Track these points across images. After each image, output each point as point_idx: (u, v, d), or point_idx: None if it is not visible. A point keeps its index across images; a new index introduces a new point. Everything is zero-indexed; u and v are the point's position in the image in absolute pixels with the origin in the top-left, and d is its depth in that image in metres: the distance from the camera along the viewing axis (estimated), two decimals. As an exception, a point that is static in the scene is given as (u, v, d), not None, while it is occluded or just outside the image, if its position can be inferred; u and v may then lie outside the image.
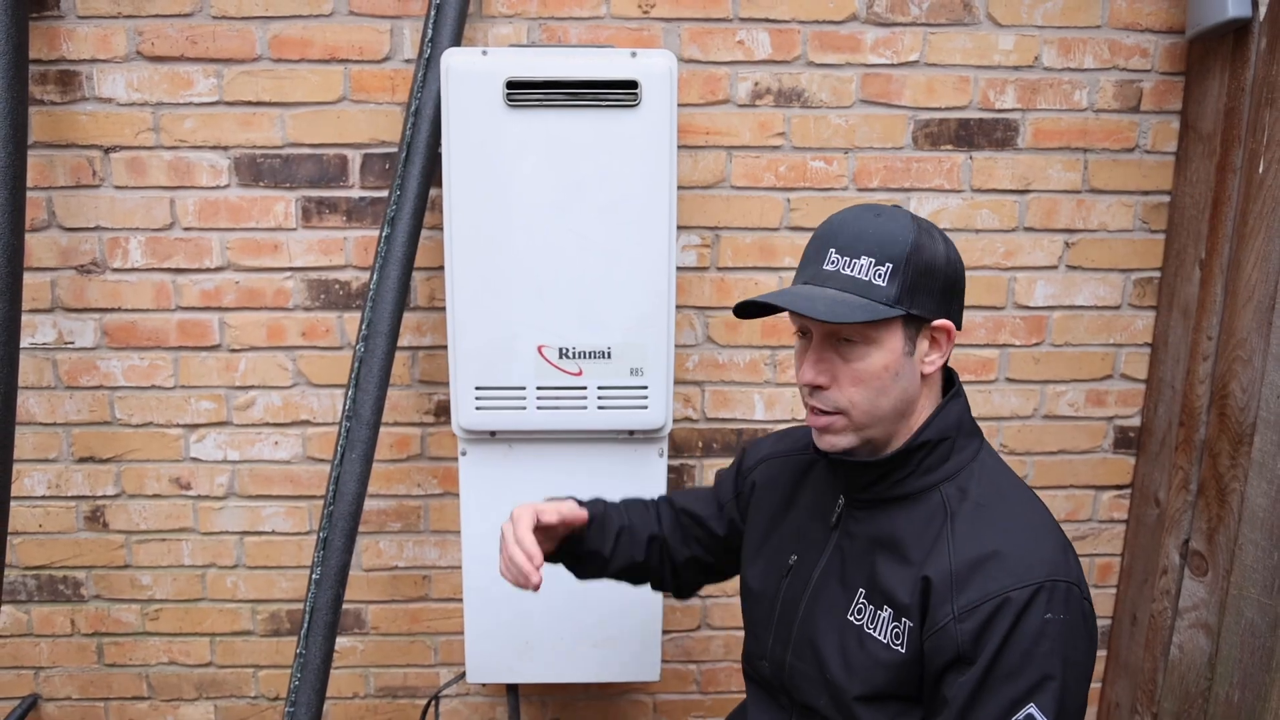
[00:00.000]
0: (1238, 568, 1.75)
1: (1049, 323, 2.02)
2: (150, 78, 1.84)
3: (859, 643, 1.18)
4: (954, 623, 1.08)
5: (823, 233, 1.16)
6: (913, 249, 1.11)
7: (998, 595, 1.07)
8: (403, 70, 1.87)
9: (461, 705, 2.18)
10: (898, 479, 1.18)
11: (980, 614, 1.07)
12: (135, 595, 2.09)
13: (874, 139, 1.92)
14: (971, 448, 1.20)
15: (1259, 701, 1.70)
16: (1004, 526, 1.12)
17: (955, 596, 1.09)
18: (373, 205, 1.92)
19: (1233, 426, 1.77)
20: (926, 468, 1.17)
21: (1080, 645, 1.09)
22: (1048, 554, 1.10)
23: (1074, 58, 1.91)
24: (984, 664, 1.06)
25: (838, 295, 1.10)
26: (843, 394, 1.14)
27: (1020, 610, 1.06)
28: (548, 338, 1.73)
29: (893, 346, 1.13)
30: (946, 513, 1.15)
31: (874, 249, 1.11)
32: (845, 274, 1.11)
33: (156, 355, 1.97)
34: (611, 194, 1.69)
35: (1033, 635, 1.06)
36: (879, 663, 1.15)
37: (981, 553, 1.10)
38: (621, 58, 1.68)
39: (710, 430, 2.03)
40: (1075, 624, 1.08)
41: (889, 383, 1.14)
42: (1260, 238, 1.71)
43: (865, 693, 1.16)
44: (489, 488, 1.83)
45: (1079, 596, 1.10)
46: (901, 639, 1.14)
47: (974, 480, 1.17)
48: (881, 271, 1.10)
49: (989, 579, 1.08)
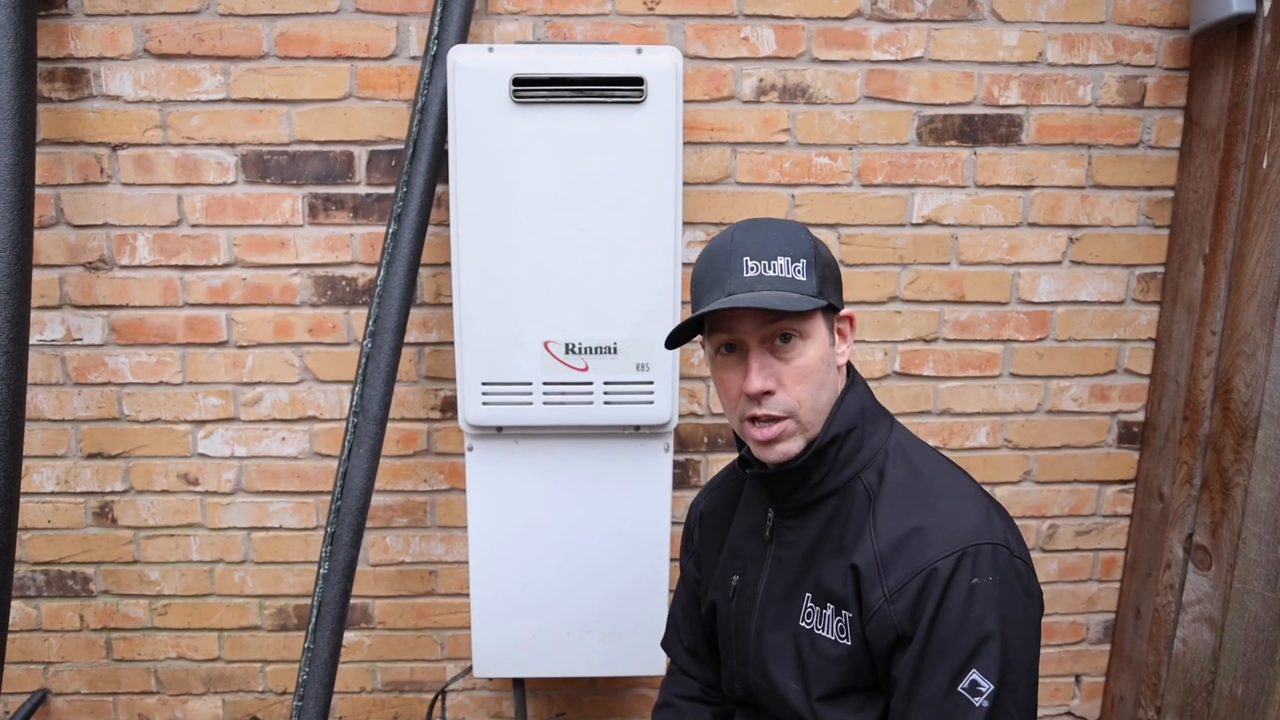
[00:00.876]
0: (1241, 562, 1.76)
1: (1053, 318, 2.02)
2: (157, 75, 1.85)
3: (811, 645, 1.19)
4: (887, 604, 1.10)
5: (720, 249, 1.16)
6: (814, 245, 1.16)
7: (923, 569, 1.08)
8: (409, 67, 1.87)
9: (468, 699, 2.19)
10: (817, 480, 1.19)
11: (910, 591, 1.09)
12: (144, 590, 2.10)
13: (878, 135, 1.92)
14: (881, 431, 1.21)
15: (1263, 695, 1.70)
16: (923, 502, 1.14)
17: (884, 579, 1.11)
18: (379, 202, 1.93)
19: (1236, 421, 1.78)
20: (842, 461, 1.18)
21: (1016, 602, 1.10)
22: (969, 521, 1.11)
23: (1078, 53, 1.91)
24: (921, 638, 1.08)
25: (774, 294, 1.12)
26: (789, 395, 1.15)
27: (947, 579, 1.07)
28: (554, 333, 1.74)
29: (822, 338, 1.15)
30: (869, 499, 1.16)
31: (784, 248, 1.13)
32: (770, 275, 1.13)
33: (164, 352, 1.98)
34: (617, 190, 1.69)
35: (962, 602, 1.07)
36: (829, 660, 1.17)
37: (903, 531, 1.12)
38: (627, 54, 1.68)
39: (715, 425, 2.04)
40: (1007, 582, 1.09)
41: (825, 375, 1.16)
42: (1264, 233, 1.71)
43: (825, 693, 1.18)
44: (495, 483, 1.84)
45: (1007, 556, 1.10)
46: (846, 631, 1.15)
47: (889, 462, 1.18)
48: (799, 267, 1.13)
49: (913, 555, 1.10)
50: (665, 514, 1.86)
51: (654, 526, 1.86)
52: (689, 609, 1.49)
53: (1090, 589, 2.17)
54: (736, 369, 1.16)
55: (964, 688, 1.06)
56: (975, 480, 1.21)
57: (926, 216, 1.96)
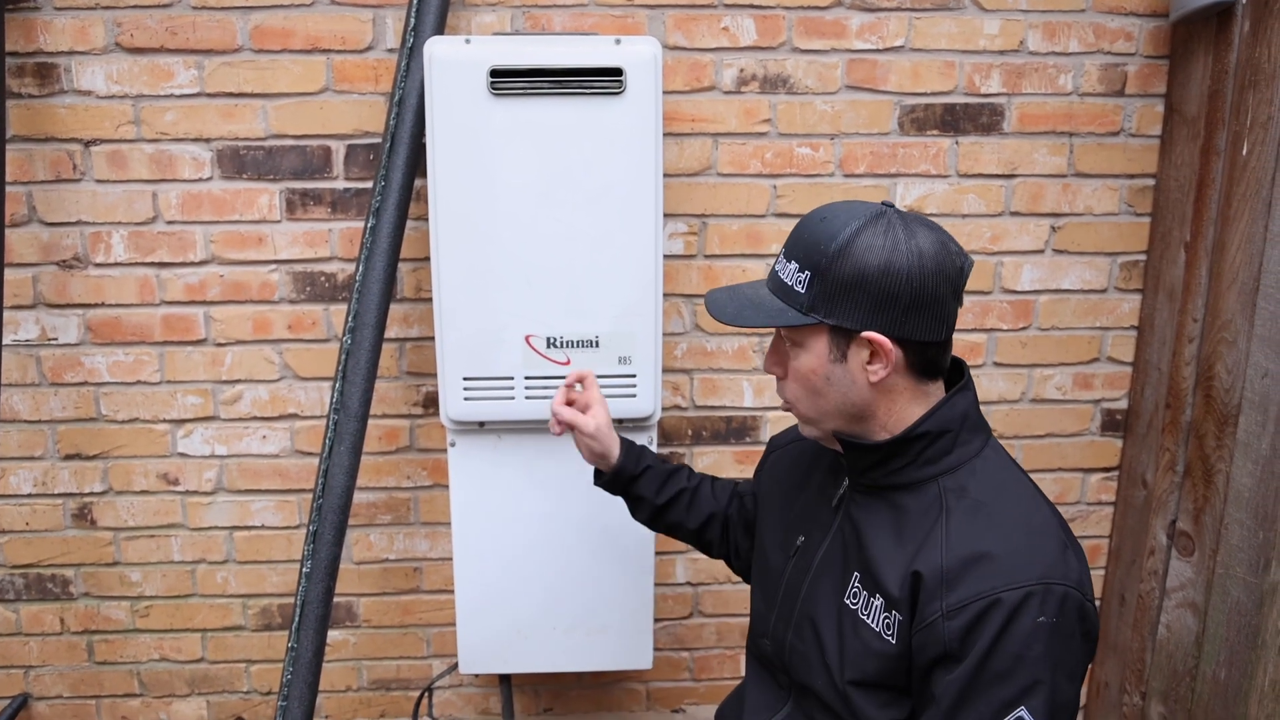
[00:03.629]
0: (1224, 547, 1.77)
1: (1036, 307, 2.02)
2: (130, 70, 1.83)
3: (854, 628, 1.17)
4: (942, 620, 1.07)
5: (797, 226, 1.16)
6: (835, 258, 1.07)
7: (988, 595, 1.05)
8: (386, 60, 1.85)
9: (455, 696, 2.18)
10: (896, 466, 1.16)
11: (969, 613, 1.05)
12: (125, 592, 2.08)
13: (860, 125, 1.92)
14: (975, 443, 1.17)
15: (1245, 679, 1.71)
16: (1000, 527, 1.10)
17: (945, 594, 1.07)
18: (358, 196, 1.91)
19: (1218, 408, 1.78)
20: (926, 459, 1.15)
21: (1073, 647, 1.07)
22: (1043, 556, 1.07)
23: (1059, 42, 1.91)
24: (973, 664, 1.05)
25: (762, 297, 1.14)
26: (788, 388, 1.18)
27: (1011, 613, 1.04)
28: (535, 327, 1.73)
29: (818, 352, 1.12)
30: (943, 507, 1.13)
31: (802, 254, 1.10)
32: (779, 276, 1.13)
33: (142, 350, 1.95)
34: (597, 182, 1.68)
35: (1024, 638, 1.04)
36: (870, 651, 1.15)
37: (975, 551, 1.08)
38: (606, 45, 1.67)
39: (700, 418, 2.04)
40: (1070, 627, 1.06)
41: (821, 385, 1.14)
42: (1244, 220, 1.71)
43: (856, 678, 1.16)
44: (478, 479, 1.82)
45: (1077, 601, 1.07)
46: (892, 630, 1.13)
47: (974, 477, 1.14)
48: (802, 279, 1.10)
49: (980, 579, 1.06)
50: (650, 508, 1.86)
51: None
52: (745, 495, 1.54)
53: (1075, 576, 2.17)
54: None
55: None
56: (1058, 512, 1.18)
57: (909, 206, 1.95)
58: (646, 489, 1.49)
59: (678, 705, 2.21)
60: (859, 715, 1.17)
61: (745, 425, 2.04)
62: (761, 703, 1.33)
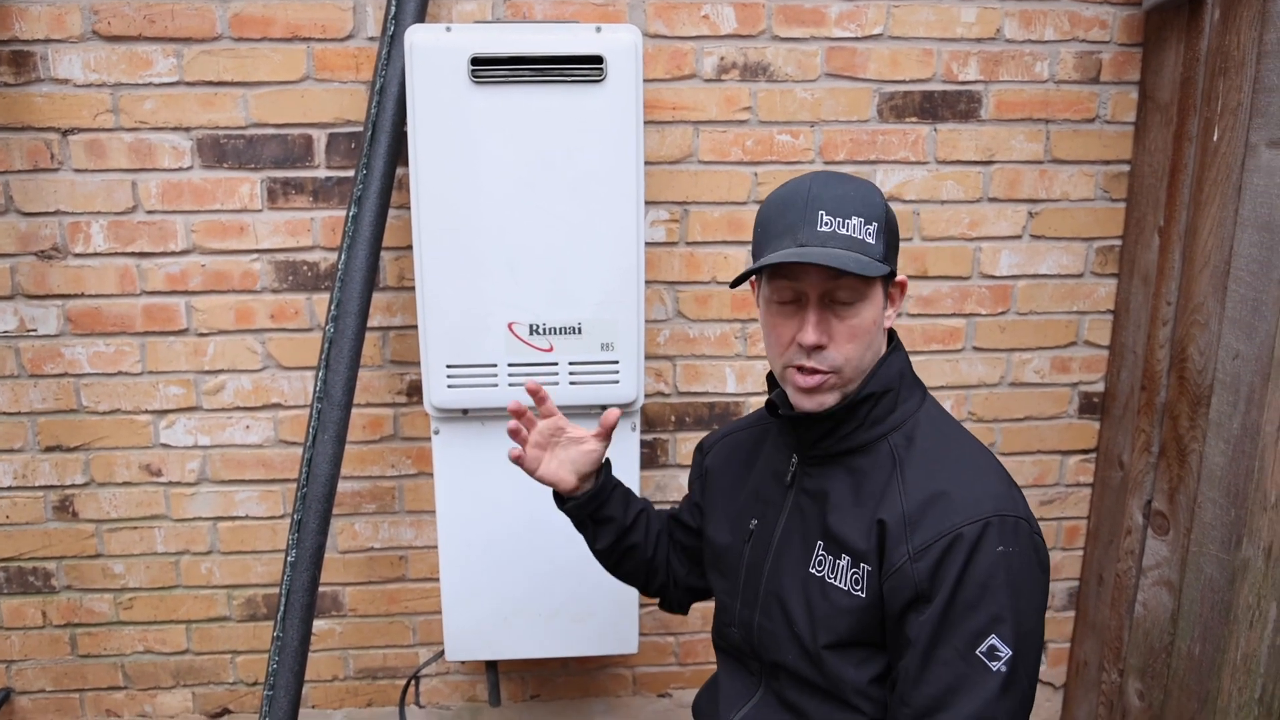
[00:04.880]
0: (1197, 525, 1.80)
1: (1014, 292, 2.05)
2: (108, 58, 1.81)
3: (822, 593, 1.21)
4: (910, 563, 1.12)
5: (799, 198, 1.16)
6: (886, 209, 1.17)
7: (950, 532, 1.11)
8: (367, 48, 1.85)
9: (441, 684, 2.19)
10: (846, 432, 1.22)
11: (934, 551, 1.11)
12: (108, 585, 2.07)
13: (839, 112, 1.93)
14: (915, 398, 1.25)
15: (1218, 654, 1.75)
16: (951, 469, 1.17)
17: (910, 537, 1.13)
18: (339, 185, 1.90)
19: (1191, 389, 1.81)
20: (873, 419, 1.21)
21: (1033, 575, 1.14)
22: (994, 491, 1.14)
23: (1035, 30, 1.93)
24: (943, 600, 1.10)
25: (846, 254, 1.12)
26: (839, 351, 1.17)
27: (973, 545, 1.10)
28: (518, 314, 1.73)
29: (877, 301, 1.18)
30: (895, 460, 1.19)
31: (860, 209, 1.15)
32: (843, 233, 1.14)
33: (122, 341, 1.94)
34: (579, 170, 1.69)
35: (987, 568, 1.10)
36: (841, 609, 1.19)
37: (931, 493, 1.14)
38: (586, 33, 1.68)
39: (683, 404, 2.05)
40: (1027, 555, 1.13)
41: (875, 337, 1.19)
42: (1215, 204, 1.74)
43: (831, 640, 1.20)
44: (462, 466, 1.83)
45: (1029, 530, 1.14)
46: (861, 584, 1.17)
47: (919, 429, 1.22)
48: (871, 230, 1.14)
49: (940, 518, 1.12)
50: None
51: (623, 506, 1.86)
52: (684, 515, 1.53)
53: (1055, 557, 2.21)
54: (793, 318, 1.18)
55: (982, 651, 1.09)
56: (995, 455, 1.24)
57: (888, 193, 1.97)
58: (616, 508, 1.45)
59: (664, 690, 2.23)
60: (835, 679, 1.20)
61: (728, 411, 2.05)
62: (735, 692, 1.36)
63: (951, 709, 1.09)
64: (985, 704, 1.08)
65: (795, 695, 1.25)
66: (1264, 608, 1.65)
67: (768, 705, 1.30)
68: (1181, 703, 1.85)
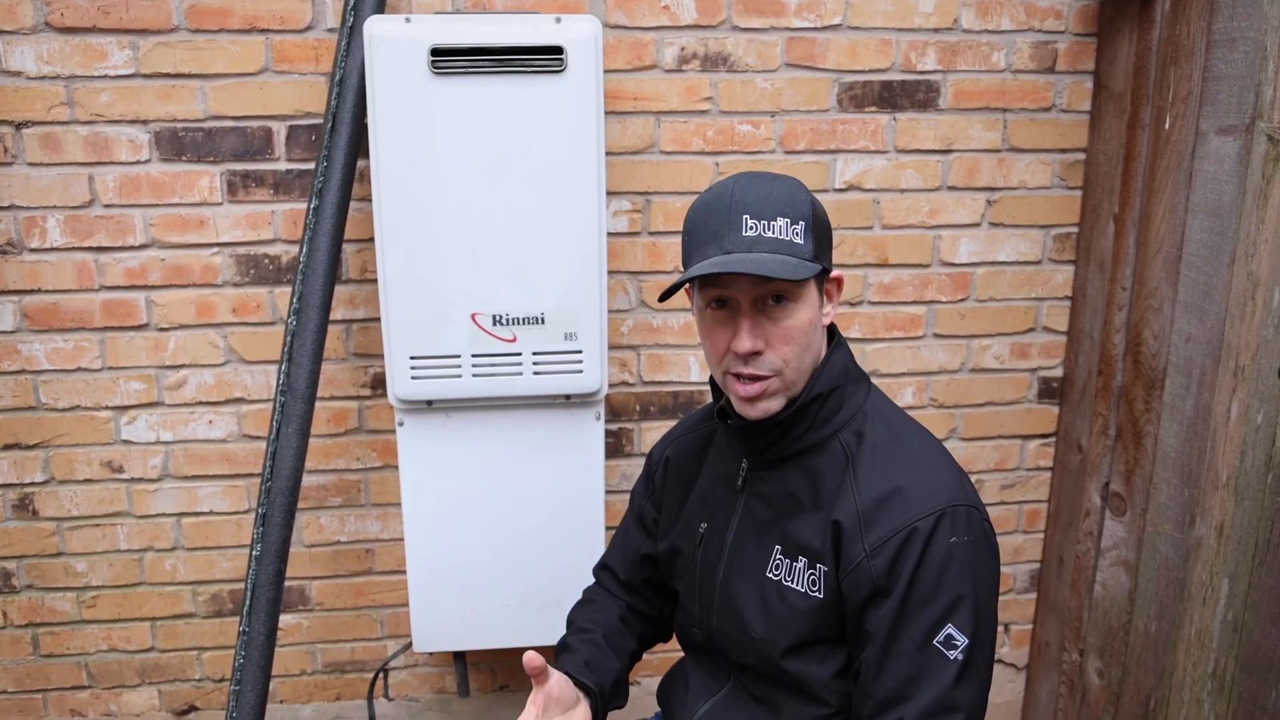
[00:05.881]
0: (1153, 506, 1.84)
1: (973, 279, 2.08)
2: (61, 50, 1.79)
3: (779, 596, 1.22)
4: (866, 560, 1.14)
5: (722, 203, 1.15)
6: (813, 205, 1.17)
7: (904, 527, 1.13)
8: (326, 40, 1.84)
9: (410, 676, 2.19)
10: (796, 435, 1.22)
11: (890, 547, 1.13)
12: (70, 583, 2.05)
13: (799, 102, 1.95)
14: (860, 393, 1.25)
15: (1174, 630, 1.78)
16: (901, 463, 1.18)
17: (865, 535, 1.14)
18: (300, 178, 1.89)
19: (1146, 372, 1.85)
20: (822, 419, 1.22)
21: (985, 563, 1.16)
22: (945, 482, 1.16)
23: (991, 20, 1.95)
24: (900, 594, 1.12)
25: (773, 257, 1.12)
26: (777, 355, 1.16)
27: (927, 538, 1.12)
28: (481, 305, 1.73)
29: (812, 301, 1.17)
30: (847, 458, 1.20)
31: (785, 209, 1.14)
32: (769, 236, 1.13)
33: (81, 337, 1.92)
34: (540, 160, 1.69)
35: (941, 560, 1.12)
36: (799, 611, 1.20)
37: (884, 490, 1.16)
38: (546, 24, 1.68)
39: (647, 394, 2.06)
40: (979, 544, 1.15)
41: (811, 336, 1.18)
42: (1168, 191, 1.78)
43: (791, 643, 1.21)
44: (428, 458, 1.83)
45: (979, 518, 1.17)
46: (818, 584, 1.19)
47: (868, 424, 1.22)
48: (798, 229, 1.14)
49: (894, 514, 1.14)
50: (599, 482, 1.88)
51: (588, 495, 1.88)
52: (630, 540, 1.49)
53: (1016, 540, 2.24)
54: (726, 325, 1.17)
55: (939, 641, 1.11)
56: (943, 445, 1.25)
57: (849, 182, 1.99)
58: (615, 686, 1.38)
59: (631, 679, 2.24)
60: (799, 679, 1.21)
61: (692, 400, 2.06)
62: (703, 685, 1.36)
63: (913, 700, 1.11)
64: (944, 691, 1.11)
65: (763, 690, 1.27)
66: (1216, 584, 1.68)
67: (736, 698, 1.31)
68: (1139, 679, 1.89)
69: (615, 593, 1.51)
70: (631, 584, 1.50)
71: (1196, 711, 1.73)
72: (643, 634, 1.49)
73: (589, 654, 1.38)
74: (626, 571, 1.50)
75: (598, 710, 1.32)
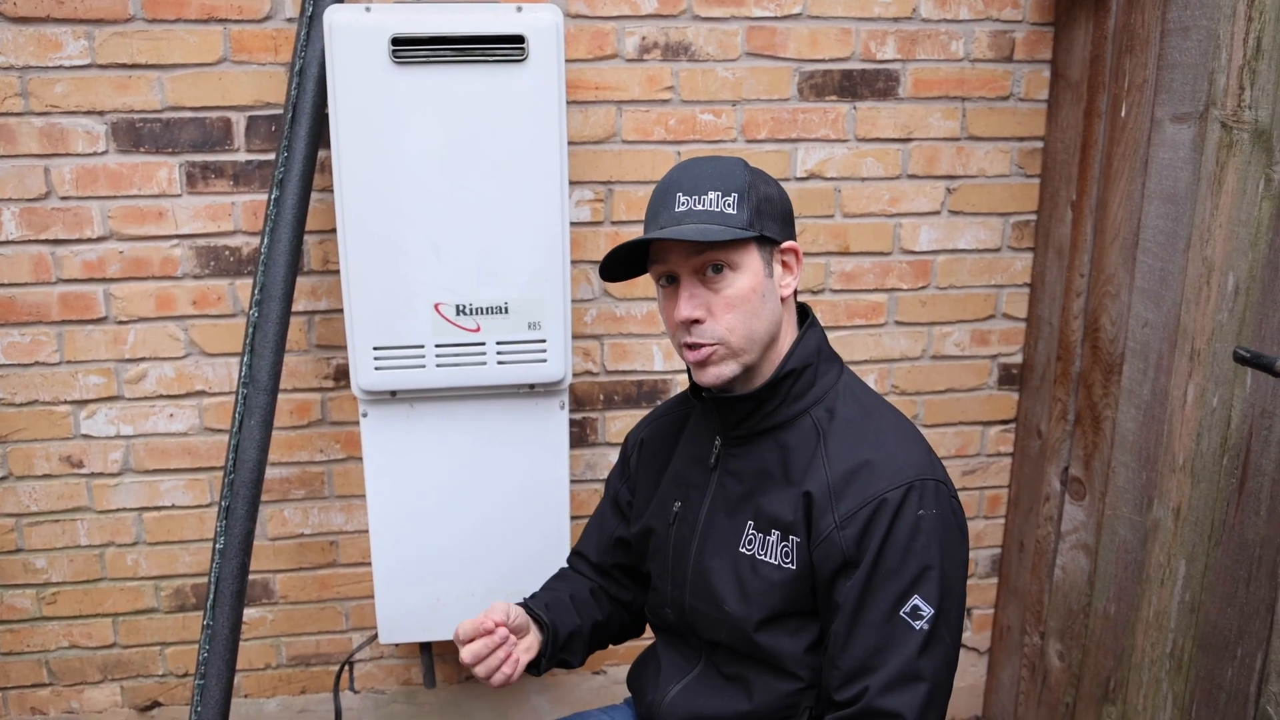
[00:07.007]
0: (1111, 489, 1.87)
1: (934, 266, 2.10)
2: (14, 40, 1.77)
3: (752, 569, 1.23)
4: (836, 531, 1.16)
5: (662, 186, 1.23)
6: (749, 181, 1.20)
7: (874, 499, 1.15)
8: (285, 30, 1.83)
9: (376, 669, 2.18)
10: (769, 410, 1.25)
11: (860, 518, 1.15)
12: (30, 580, 2.03)
13: (760, 91, 1.96)
14: (833, 372, 1.28)
15: (1132, 612, 1.81)
16: (872, 438, 1.21)
17: (835, 506, 1.17)
18: (260, 169, 1.88)
19: (1104, 358, 1.88)
20: (795, 395, 1.24)
21: (953, 537, 1.19)
22: (914, 457, 1.19)
23: (950, 9, 1.97)
24: (868, 564, 1.14)
25: (695, 227, 1.16)
26: (719, 323, 1.19)
27: (895, 509, 1.14)
28: (444, 295, 1.73)
29: (755, 269, 1.19)
30: (819, 433, 1.22)
31: (717, 184, 1.18)
32: (698, 209, 1.17)
33: (38, 330, 1.90)
34: (502, 150, 1.69)
35: (909, 531, 1.14)
36: (772, 584, 1.21)
37: (855, 463, 1.18)
38: (507, 13, 1.68)
39: (611, 383, 2.06)
40: (946, 517, 1.17)
41: (758, 304, 1.20)
42: (1124, 178, 1.80)
43: (764, 616, 1.22)
44: (392, 449, 1.83)
45: (947, 494, 1.19)
46: (791, 556, 1.21)
47: (840, 401, 1.25)
48: (730, 201, 1.18)
49: (864, 485, 1.16)
50: (564, 472, 1.88)
51: (553, 484, 1.88)
52: (605, 525, 1.51)
53: (978, 526, 2.27)
54: (673, 298, 1.21)
55: (906, 612, 1.13)
56: (913, 423, 1.28)
57: (810, 170, 2.00)
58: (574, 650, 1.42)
59: (598, 668, 2.25)
60: (772, 652, 1.22)
61: (656, 389, 2.07)
62: (674, 666, 1.37)
63: (879, 670, 1.13)
64: (909, 661, 1.13)
65: (735, 667, 1.28)
66: (1174, 566, 1.71)
67: (708, 676, 1.32)
68: (1099, 661, 1.92)
69: (587, 574, 1.53)
70: (604, 567, 1.51)
71: (1155, 691, 1.77)
72: (611, 614, 1.50)
73: (551, 599, 1.42)
74: (599, 555, 1.51)
75: (547, 650, 1.34)
